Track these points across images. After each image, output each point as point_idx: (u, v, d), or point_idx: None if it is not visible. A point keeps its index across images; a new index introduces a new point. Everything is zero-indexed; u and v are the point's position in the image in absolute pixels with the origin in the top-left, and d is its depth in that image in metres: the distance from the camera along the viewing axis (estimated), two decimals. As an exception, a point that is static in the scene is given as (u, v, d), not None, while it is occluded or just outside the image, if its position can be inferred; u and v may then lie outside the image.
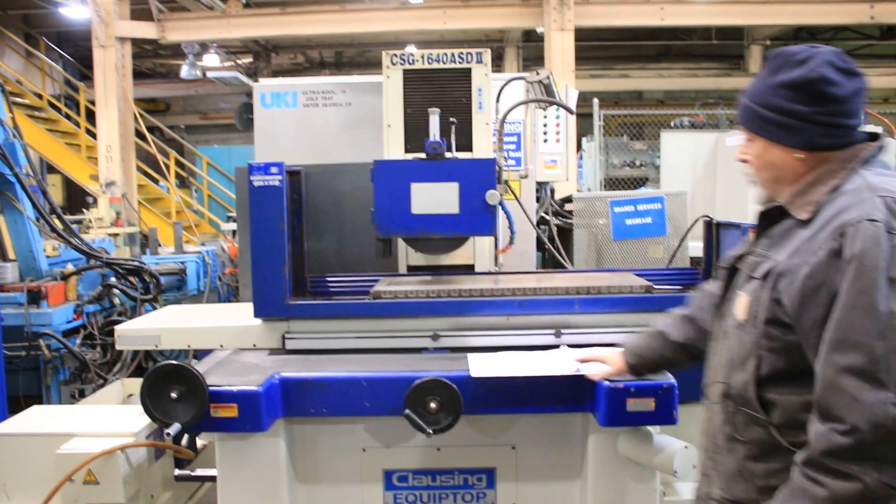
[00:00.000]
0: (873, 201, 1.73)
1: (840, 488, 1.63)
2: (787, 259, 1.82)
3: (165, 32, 12.85)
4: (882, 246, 1.66)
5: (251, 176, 3.31)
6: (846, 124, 1.86)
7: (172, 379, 2.84)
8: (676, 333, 2.45)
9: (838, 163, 1.86)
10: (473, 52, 3.93)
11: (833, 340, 1.68)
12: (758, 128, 1.93)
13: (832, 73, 1.81)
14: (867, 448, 1.61)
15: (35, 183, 6.12)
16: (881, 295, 1.63)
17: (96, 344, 6.29)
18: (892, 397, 1.60)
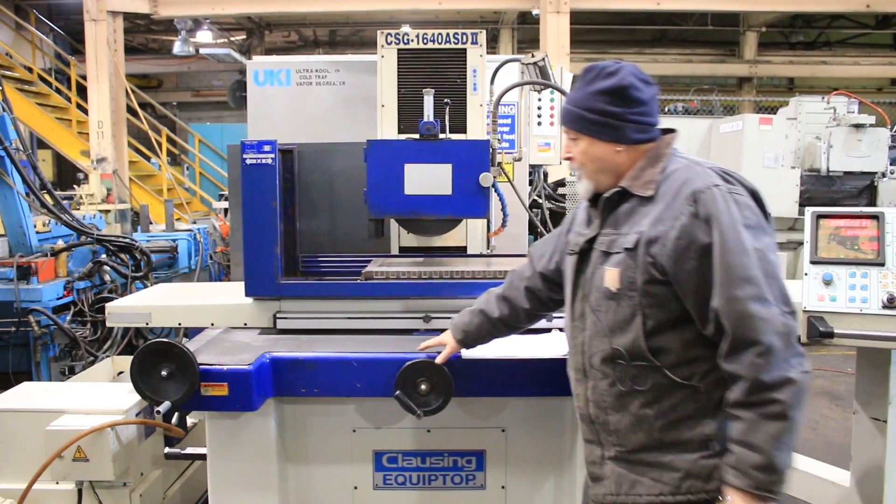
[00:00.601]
0: (707, 172, 2.15)
1: (786, 394, 1.95)
2: (650, 229, 2.14)
3: (158, 7, 12.72)
4: (730, 203, 2.06)
5: (244, 154, 3.29)
6: (650, 122, 2.26)
7: (163, 357, 2.84)
8: (495, 311, 2.75)
9: (659, 150, 2.25)
10: (469, 33, 3.90)
11: (727, 281, 2.02)
12: (582, 128, 2.27)
13: (636, 82, 2.22)
14: (782, 352, 1.97)
15: (25, 158, 6.07)
16: (745, 238, 2.03)
17: (86, 321, 6.27)
18: (779, 310, 1.99)
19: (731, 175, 2.16)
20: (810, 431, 6.16)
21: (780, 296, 2.02)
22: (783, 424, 1.96)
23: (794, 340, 2.00)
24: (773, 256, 2.06)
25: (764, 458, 1.97)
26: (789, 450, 1.99)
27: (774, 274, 2.04)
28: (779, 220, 8.42)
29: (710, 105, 12.66)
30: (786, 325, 1.99)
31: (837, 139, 8.97)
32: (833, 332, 2.83)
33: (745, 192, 2.13)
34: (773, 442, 1.96)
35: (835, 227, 2.96)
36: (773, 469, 1.97)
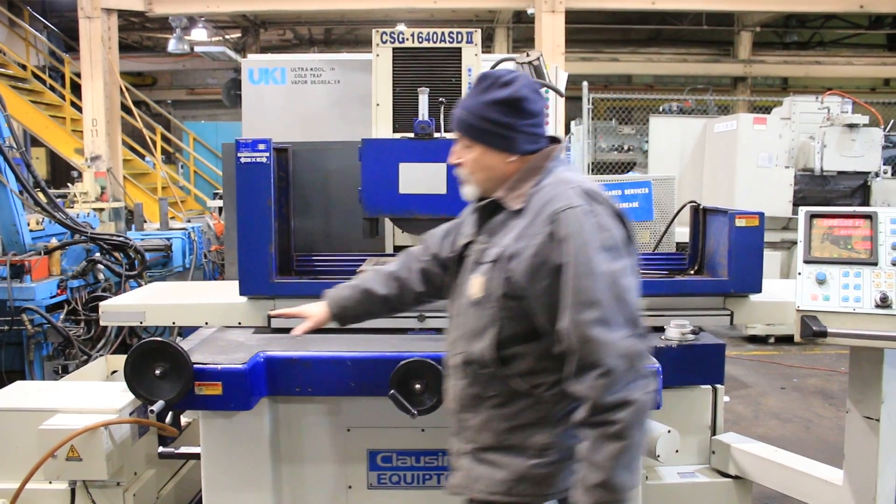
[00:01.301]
0: (570, 192, 2.16)
1: (625, 415, 2.00)
2: (512, 243, 2.18)
3: (152, 5, 12.69)
4: (587, 224, 2.09)
5: (238, 152, 3.29)
6: (540, 133, 2.29)
7: (157, 356, 2.83)
8: (382, 289, 2.70)
9: (536, 163, 2.27)
10: (464, 32, 3.90)
11: (573, 304, 2.06)
12: (477, 137, 2.28)
13: (530, 93, 2.24)
14: (624, 375, 2.01)
15: (18, 155, 6.04)
16: (597, 261, 2.06)
17: (80, 319, 6.24)
18: (625, 333, 2.04)
19: (596, 195, 2.18)
20: (804, 430, 6.18)
21: (627, 319, 2.06)
22: (621, 444, 2.00)
23: (638, 363, 2.05)
24: (625, 280, 2.09)
25: (603, 476, 2.01)
26: (629, 469, 2.03)
27: (624, 297, 2.07)
28: (772, 219, 8.44)
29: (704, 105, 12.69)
30: (629, 349, 2.03)
31: (831, 139, 8.99)
32: (826, 332, 2.84)
33: (607, 213, 2.15)
34: (611, 461, 2.00)
35: (828, 227, 2.97)
36: (612, 488, 2.01)
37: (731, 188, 9.17)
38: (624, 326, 2.05)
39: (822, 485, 3.23)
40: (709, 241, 3.77)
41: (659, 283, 3.56)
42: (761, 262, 3.45)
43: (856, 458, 3.11)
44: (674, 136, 10.23)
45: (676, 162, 10.05)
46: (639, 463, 2.07)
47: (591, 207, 2.13)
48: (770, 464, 3.38)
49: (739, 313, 3.53)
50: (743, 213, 3.43)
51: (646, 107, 12.64)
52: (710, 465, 3.56)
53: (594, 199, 2.16)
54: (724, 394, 3.56)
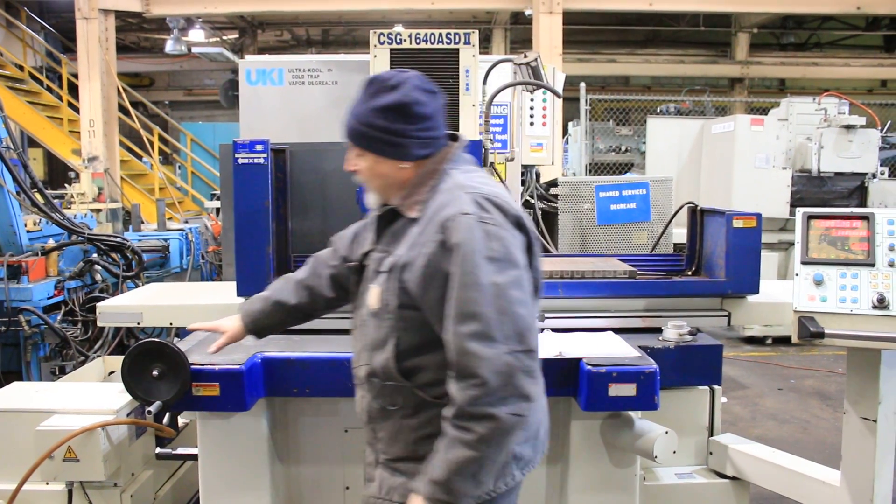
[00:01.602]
0: (463, 198, 2.08)
1: (483, 428, 1.95)
2: (406, 252, 2.13)
3: (150, 5, 12.69)
4: (475, 233, 2.02)
5: (236, 153, 3.29)
6: (435, 136, 2.20)
7: (154, 357, 2.83)
8: (292, 299, 2.64)
9: (432, 166, 2.20)
10: (461, 33, 3.91)
11: (455, 315, 2.01)
12: (367, 145, 2.19)
13: (420, 96, 2.15)
14: (496, 391, 1.95)
15: (16, 156, 6.04)
16: (482, 272, 1.99)
17: (77, 320, 6.23)
18: (505, 349, 1.97)
19: (492, 201, 2.09)
20: (801, 431, 6.19)
21: (511, 334, 1.98)
22: (471, 454, 1.96)
23: (516, 380, 1.97)
24: (514, 292, 2.01)
25: (443, 475, 1.99)
26: (474, 481, 1.99)
27: (510, 310, 1.99)
28: (770, 220, 8.45)
29: (701, 106, 12.70)
30: (508, 365, 1.96)
31: (828, 140, 9.00)
32: (824, 333, 2.84)
33: (502, 222, 2.07)
34: (455, 465, 1.98)
35: (825, 228, 2.97)
36: (449, 490, 1.99)
37: (728, 189, 9.18)
38: (505, 342, 1.98)
39: (819, 486, 3.23)
40: (706, 242, 3.77)
41: (656, 284, 3.56)
42: (758, 263, 3.45)
43: (853, 459, 3.11)
44: (671, 137, 10.23)
45: (674, 163, 10.05)
46: (489, 476, 2.01)
47: (483, 214, 2.05)
48: (767, 465, 3.39)
49: (737, 314, 3.54)
50: (740, 215, 3.44)
51: (643, 108, 12.65)
52: (708, 466, 3.56)
53: (488, 206, 2.08)
54: (721, 395, 3.56)
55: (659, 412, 2.94)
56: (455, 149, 2.26)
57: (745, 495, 3.52)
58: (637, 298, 3.48)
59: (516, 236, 2.09)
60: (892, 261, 2.82)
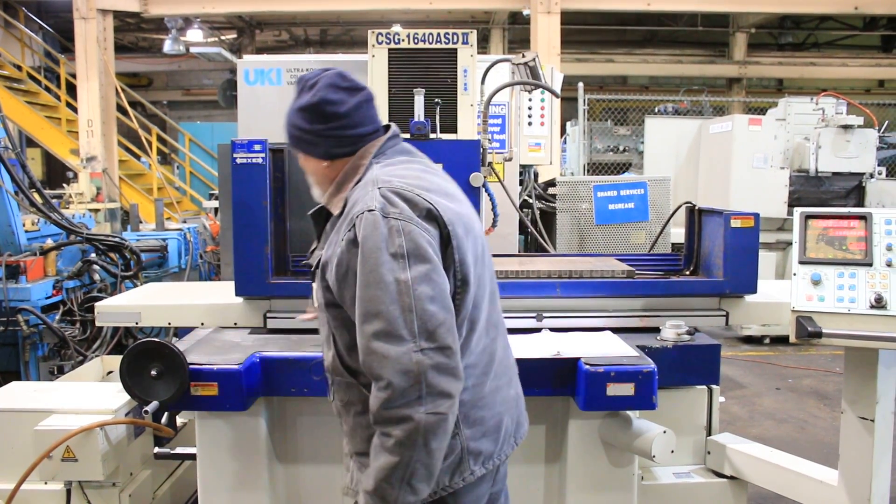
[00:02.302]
0: (373, 193, 2.05)
1: (400, 432, 1.90)
2: (326, 251, 2.14)
3: (148, 5, 12.68)
4: (380, 230, 1.97)
5: (234, 153, 3.29)
6: (353, 134, 2.19)
7: (152, 356, 2.84)
8: None
9: (355, 162, 2.21)
10: (459, 33, 3.91)
11: (360, 314, 1.97)
12: (294, 144, 2.25)
13: (333, 95, 2.15)
14: (405, 391, 1.89)
15: (14, 156, 6.04)
16: (385, 269, 1.95)
17: (76, 320, 6.23)
18: (412, 347, 1.91)
19: (400, 194, 2.04)
20: (799, 431, 6.19)
21: (420, 331, 1.92)
22: (393, 460, 1.91)
23: (430, 378, 1.90)
24: (422, 287, 1.94)
25: (373, 485, 1.95)
26: (407, 487, 1.93)
27: (417, 307, 1.93)
28: (767, 220, 8.46)
29: (699, 106, 12.70)
30: (418, 364, 1.90)
31: (826, 140, 9.01)
32: (821, 332, 2.85)
33: (409, 215, 2.00)
34: (381, 472, 1.93)
35: (823, 228, 2.97)
36: (382, 498, 1.94)
37: (726, 189, 9.19)
38: (412, 339, 1.91)
39: (816, 485, 3.24)
40: (704, 241, 3.78)
41: (654, 283, 3.56)
42: (756, 263, 3.46)
43: (850, 459, 3.12)
44: (669, 137, 10.24)
45: (672, 163, 10.06)
46: (423, 481, 1.95)
47: (389, 209, 2.00)
48: (765, 464, 3.39)
49: (735, 314, 3.54)
50: (738, 214, 3.44)
51: (641, 108, 12.65)
52: (706, 466, 3.57)
53: (395, 200, 2.03)
54: (719, 394, 3.57)
55: (657, 412, 2.95)
56: (380, 143, 2.23)
57: (742, 495, 3.53)
58: (635, 298, 3.49)
59: (428, 230, 2.02)
60: (890, 260, 2.83)
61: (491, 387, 2.19)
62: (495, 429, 2.18)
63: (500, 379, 2.21)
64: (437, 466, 1.97)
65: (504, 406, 2.21)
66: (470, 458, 2.12)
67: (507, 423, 2.23)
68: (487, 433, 2.16)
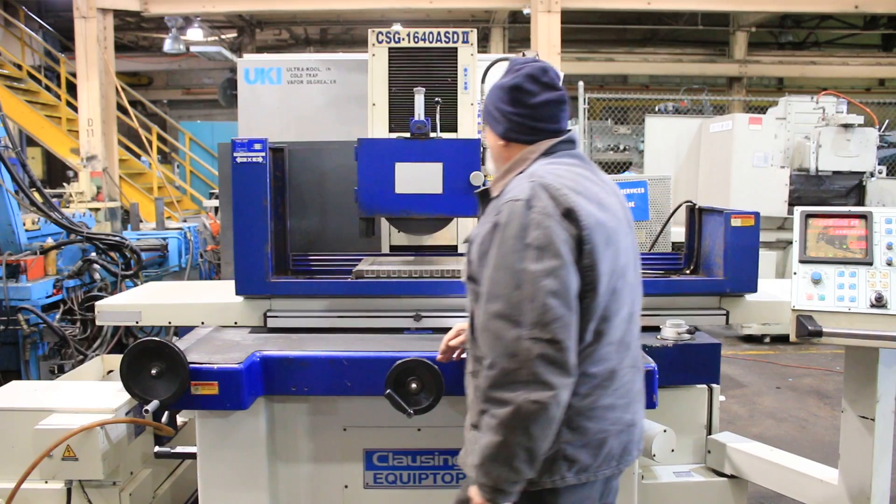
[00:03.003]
0: (525, 185, 2.15)
1: (501, 413, 1.99)
2: (474, 229, 2.31)
3: (148, 5, 12.68)
4: (520, 220, 2.08)
5: (234, 152, 3.28)
6: (533, 126, 2.31)
7: (153, 356, 2.83)
8: None
9: (525, 155, 2.32)
10: (460, 32, 3.91)
11: (486, 293, 2.10)
12: (484, 117, 2.42)
13: (529, 84, 2.29)
14: (510, 374, 1.99)
15: (14, 155, 6.04)
16: (517, 257, 2.05)
17: (76, 319, 6.24)
18: (525, 333, 1.99)
19: (548, 190, 2.12)
20: (799, 430, 6.20)
21: (536, 321, 1.99)
22: (496, 439, 2.00)
23: (533, 366, 1.97)
24: (548, 281, 2.01)
25: (479, 460, 2.06)
26: (508, 467, 2.02)
27: (538, 298, 2.00)
28: (768, 219, 8.46)
29: (700, 105, 12.71)
30: (527, 350, 1.98)
31: (826, 139, 9.01)
32: (822, 331, 2.85)
33: (550, 211, 2.08)
34: (485, 450, 2.03)
35: (823, 227, 2.97)
36: (486, 474, 2.05)
37: (726, 188, 9.19)
38: (527, 327, 1.99)
39: (817, 484, 3.24)
40: (704, 240, 3.78)
41: (655, 282, 3.56)
42: (757, 262, 3.45)
43: (851, 458, 3.12)
44: (669, 136, 10.24)
45: (672, 162, 10.07)
46: (525, 464, 2.01)
47: (533, 202, 2.09)
48: (765, 463, 3.39)
49: (735, 313, 3.54)
50: (738, 213, 3.44)
51: (641, 107, 12.66)
52: (706, 465, 3.57)
53: (541, 194, 2.11)
54: (719, 393, 3.57)
55: (657, 411, 2.94)
56: (552, 142, 2.32)
57: (743, 494, 3.53)
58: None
59: (566, 228, 2.08)
60: (890, 259, 2.83)
61: (605, 403, 2.20)
62: (597, 444, 2.19)
63: (618, 399, 2.22)
64: (539, 451, 2.05)
65: (614, 427, 2.22)
66: (563, 463, 2.15)
67: (613, 444, 2.22)
68: (588, 445, 2.17)
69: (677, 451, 3.25)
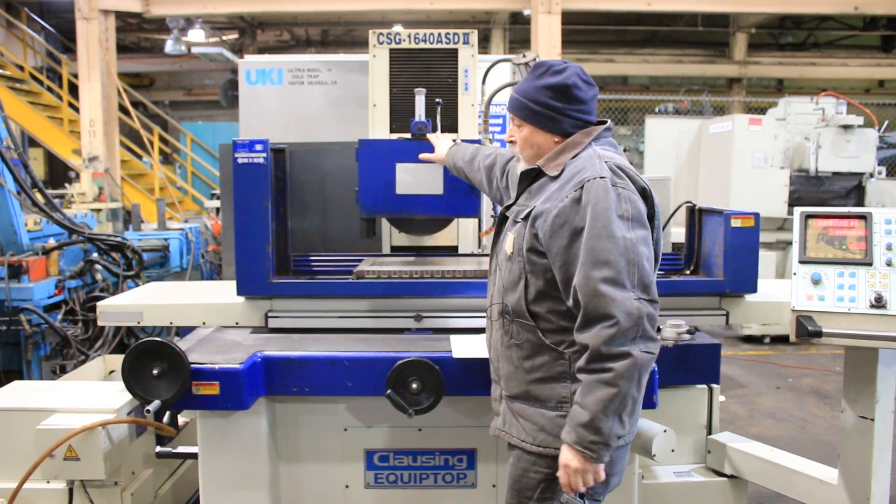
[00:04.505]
0: (601, 164, 2.35)
1: (620, 365, 2.17)
2: (541, 204, 2.40)
3: (150, 6, 12.69)
4: (610, 194, 2.27)
5: (235, 153, 3.29)
6: (587, 119, 2.51)
7: (154, 356, 2.84)
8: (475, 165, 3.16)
9: (577, 139, 2.48)
10: (460, 33, 3.91)
11: (588, 262, 2.23)
12: (527, 117, 2.52)
13: (579, 82, 2.48)
14: (628, 331, 2.18)
15: (16, 156, 6.05)
16: (615, 227, 2.24)
17: (78, 320, 6.24)
18: (633, 294, 2.21)
19: (625, 170, 2.37)
20: (799, 430, 6.20)
21: (639, 283, 2.23)
22: (612, 391, 2.17)
23: (644, 323, 2.20)
24: (642, 248, 2.27)
25: (589, 416, 2.19)
26: (617, 417, 2.20)
27: (639, 262, 2.24)
28: (768, 219, 8.47)
29: (700, 105, 12.71)
30: (638, 309, 2.20)
31: (826, 140, 9.02)
32: (821, 332, 2.85)
33: (632, 188, 2.34)
34: (599, 404, 2.18)
35: (823, 227, 2.98)
36: (597, 429, 2.19)
37: (726, 189, 9.19)
38: (634, 289, 2.21)
39: (816, 484, 3.25)
40: (704, 241, 3.79)
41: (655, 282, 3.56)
42: (756, 263, 3.46)
43: (850, 458, 3.13)
44: (669, 136, 10.25)
45: (672, 162, 10.08)
46: (628, 417, 2.22)
47: (617, 179, 2.31)
48: (765, 463, 3.40)
49: (735, 313, 3.55)
50: (738, 214, 3.45)
51: (642, 107, 12.68)
52: (706, 465, 3.58)
53: (620, 174, 2.34)
54: (719, 393, 3.58)
55: (657, 411, 2.95)
56: (599, 130, 2.51)
57: (743, 493, 3.54)
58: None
59: (642, 203, 2.34)
60: (890, 260, 2.84)
61: None
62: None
63: None
64: (640, 404, 2.29)
65: None
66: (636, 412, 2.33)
67: None
68: None
69: (677, 451, 3.26)
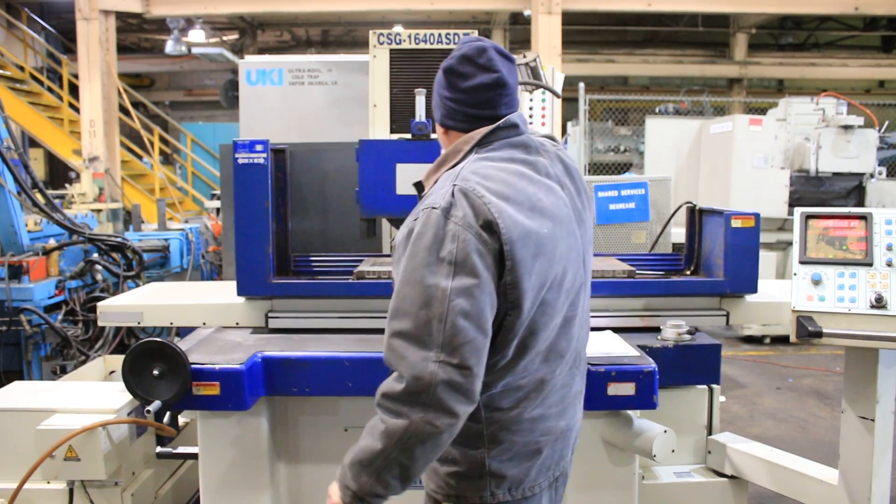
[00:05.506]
0: (445, 189, 1.95)
1: (392, 423, 1.85)
2: (400, 229, 2.04)
3: (150, 6, 12.71)
4: (434, 229, 1.88)
5: (236, 153, 3.29)
6: (466, 112, 2.09)
7: (155, 356, 2.84)
8: None
9: (459, 145, 2.11)
10: (460, 34, 3.91)
11: (391, 309, 1.92)
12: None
13: (462, 67, 2.07)
14: (412, 395, 1.83)
15: (16, 156, 6.05)
16: (428, 272, 1.86)
17: (78, 320, 6.25)
18: (431, 356, 1.83)
19: (469, 198, 1.91)
20: (799, 430, 6.20)
21: (445, 343, 1.82)
22: (375, 447, 1.87)
23: (437, 392, 1.81)
24: (460, 300, 1.84)
25: (348, 460, 1.95)
26: (376, 477, 1.89)
27: (449, 319, 1.83)
28: (768, 220, 8.47)
29: (700, 106, 12.71)
30: (432, 374, 1.81)
31: (826, 140, 9.02)
32: (822, 332, 2.85)
33: (471, 223, 1.88)
34: (360, 454, 1.91)
35: (823, 228, 2.98)
36: (347, 476, 1.93)
37: (726, 189, 9.19)
38: (432, 349, 1.83)
39: (817, 484, 3.24)
40: (705, 241, 3.79)
41: (655, 283, 3.57)
42: (757, 263, 3.46)
43: (851, 458, 3.12)
44: (670, 137, 10.25)
45: (672, 163, 10.08)
46: (396, 480, 1.89)
47: (453, 212, 1.90)
48: (766, 463, 3.40)
49: (735, 314, 3.55)
50: (739, 214, 3.45)
51: (642, 108, 12.67)
52: (706, 465, 3.57)
53: (461, 203, 1.91)
54: (719, 394, 3.58)
55: (658, 411, 2.95)
56: (486, 131, 2.09)
57: (743, 494, 3.54)
58: (636, 298, 3.49)
59: (486, 242, 1.88)
60: (890, 260, 2.84)
61: (533, 414, 2.06)
62: (528, 455, 2.07)
63: (548, 409, 2.09)
64: (415, 472, 1.90)
65: (546, 437, 2.09)
66: (491, 480, 2.04)
67: (547, 453, 2.11)
68: (516, 458, 2.05)
69: (677, 452, 3.25)
